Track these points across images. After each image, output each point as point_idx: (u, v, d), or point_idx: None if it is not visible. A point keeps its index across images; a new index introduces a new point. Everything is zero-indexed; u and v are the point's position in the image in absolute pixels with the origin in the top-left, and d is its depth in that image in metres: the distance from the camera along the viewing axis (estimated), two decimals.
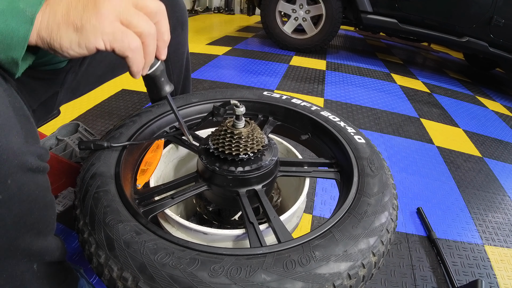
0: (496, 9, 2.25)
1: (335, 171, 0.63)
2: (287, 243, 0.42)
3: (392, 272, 0.85)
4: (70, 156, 0.86)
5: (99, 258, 0.39)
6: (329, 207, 1.05)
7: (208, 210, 0.70)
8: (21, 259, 0.36)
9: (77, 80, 0.64)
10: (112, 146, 0.56)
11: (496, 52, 2.42)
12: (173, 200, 0.52)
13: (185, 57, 0.88)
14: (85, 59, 0.63)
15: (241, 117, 0.54)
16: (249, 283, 0.35)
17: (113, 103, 1.57)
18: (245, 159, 0.54)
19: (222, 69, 2.21)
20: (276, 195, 0.76)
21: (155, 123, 0.68)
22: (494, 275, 0.89)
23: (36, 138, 0.37)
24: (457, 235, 1.02)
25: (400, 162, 1.37)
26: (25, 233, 0.35)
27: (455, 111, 2.12)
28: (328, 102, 1.89)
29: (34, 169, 0.35)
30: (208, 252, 0.39)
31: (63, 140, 0.88)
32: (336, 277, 0.38)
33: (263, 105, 0.77)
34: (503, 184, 1.34)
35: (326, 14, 2.64)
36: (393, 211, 0.51)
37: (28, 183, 0.34)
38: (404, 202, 1.13)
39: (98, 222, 0.42)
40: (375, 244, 0.43)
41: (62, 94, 0.62)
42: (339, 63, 2.80)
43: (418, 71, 2.98)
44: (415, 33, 2.54)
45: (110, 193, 0.47)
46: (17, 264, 0.36)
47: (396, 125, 1.72)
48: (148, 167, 0.61)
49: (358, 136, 0.66)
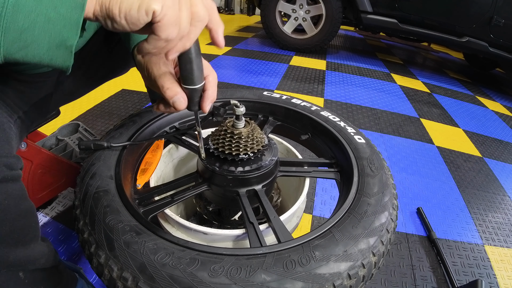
0: (496, 9, 2.25)
1: (335, 171, 0.63)
2: (287, 243, 0.42)
3: (392, 272, 0.85)
4: (70, 156, 0.86)
5: (99, 258, 0.39)
6: (329, 207, 1.05)
7: (208, 210, 0.70)
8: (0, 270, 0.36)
9: (74, 82, 0.63)
10: (112, 146, 0.57)
11: (496, 52, 2.42)
12: (173, 200, 0.52)
13: None
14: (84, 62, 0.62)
15: (241, 117, 0.54)
16: (249, 283, 0.35)
17: (113, 103, 1.57)
18: (245, 159, 0.54)
19: (222, 69, 2.21)
20: (276, 195, 0.76)
21: (155, 123, 0.68)
22: (494, 275, 0.89)
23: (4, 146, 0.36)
24: (457, 235, 1.02)
25: (400, 162, 1.37)
26: None
27: (455, 111, 2.12)
28: (328, 102, 1.89)
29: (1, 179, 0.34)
30: (208, 252, 0.39)
31: (63, 140, 0.88)
32: (336, 277, 0.38)
33: (263, 105, 0.77)
34: (503, 184, 1.34)
35: (326, 14, 2.64)
36: (393, 211, 0.51)
37: None
38: (404, 202, 1.13)
39: (98, 222, 0.42)
40: (375, 244, 0.43)
41: (59, 96, 0.61)
42: (339, 63, 2.80)
43: (418, 71, 2.98)
44: (415, 33, 2.54)
45: (110, 193, 0.47)
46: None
47: (396, 125, 1.72)
48: (148, 167, 0.61)
49: (358, 136, 0.66)
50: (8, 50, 0.29)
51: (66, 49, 0.32)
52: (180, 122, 0.74)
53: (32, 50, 0.30)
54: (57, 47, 0.31)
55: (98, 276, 0.40)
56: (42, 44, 0.30)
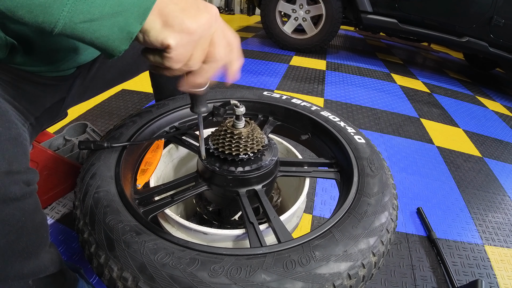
0: (496, 9, 2.25)
1: (335, 171, 0.63)
2: (287, 243, 0.42)
3: (392, 272, 0.85)
4: (77, 157, 0.85)
5: (99, 258, 0.39)
6: (329, 207, 1.05)
7: (208, 210, 0.70)
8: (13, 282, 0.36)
9: (84, 85, 0.63)
10: (112, 146, 0.56)
11: (496, 52, 2.42)
12: (173, 200, 0.52)
13: None
14: (94, 64, 0.62)
15: (241, 117, 0.53)
16: (249, 283, 0.35)
17: (113, 103, 1.57)
18: (245, 159, 0.54)
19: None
20: (276, 195, 0.76)
21: (155, 123, 0.68)
22: (494, 275, 0.89)
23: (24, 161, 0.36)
24: (457, 235, 1.01)
25: (400, 162, 1.37)
26: (14, 261, 0.35)
27: (455, 111, 2.12)
28: (328, 102, 1.89)
29: (19, 197, 0.34)
30: (208, 252, 0.39)
31: (70, 141, 0.87)
32: (336, 277, 0.38)
33: (263, 105, 0.77)
34: (503, 184, 1.34)
35: (326, 14, 2.64)
36: (393, 211, 0.51)
37: (12, 213, 0.33)
38: (404, 202, 1.13)
39: (98, 222, 0.42)
40: (375, 244, 0.43)
41: (69, 99, 0.61)
42: (339, 63, 2.80)
43: (418, 71, 2.98)
44: (415, 33, 2.54)
45: (110, 193, 0.47)
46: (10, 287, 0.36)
47: (396, 125, 1.72)
48: (148, 167, 0.61)
49: (358, 136, 0.66)
50: (73, 19, 0.29)
51: (127, 34, 0.32)
52: (180, 122, 0.74)
53: (95, 26, 0.30)
54: (119, 30, 0.31)
55: (98, 276, 0.40)
56: (106, 23, 0.30)
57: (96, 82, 0.66)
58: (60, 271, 0.46)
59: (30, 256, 0.37)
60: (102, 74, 0.66)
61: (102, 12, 0.29)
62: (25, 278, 0.38)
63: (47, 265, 0.41)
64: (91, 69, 0.62)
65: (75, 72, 0.57)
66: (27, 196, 0.35)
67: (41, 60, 0.47)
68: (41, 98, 0.52)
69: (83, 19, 0.29)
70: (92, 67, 0.62)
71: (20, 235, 0.35)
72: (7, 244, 0.34)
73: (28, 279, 0.39)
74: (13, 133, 0.36)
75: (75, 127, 0.93)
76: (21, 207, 0.35)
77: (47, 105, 0.54)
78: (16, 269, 0.36)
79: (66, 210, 0.84)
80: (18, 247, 0.35)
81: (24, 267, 0.37)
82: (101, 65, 0.64)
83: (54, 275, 0.44)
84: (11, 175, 0.33)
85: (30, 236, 0.37)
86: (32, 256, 0.38)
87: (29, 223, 0.36)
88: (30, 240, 0.37)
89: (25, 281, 0.38)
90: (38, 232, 0.38)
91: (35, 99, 0.50)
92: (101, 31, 0.31)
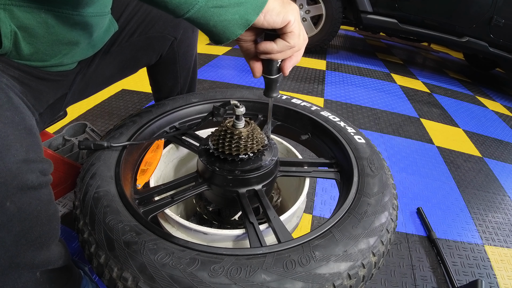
0: (496, 9, 2.25)
1: (335, 171, 0.63)
2: (287, 243, 0.42)
3: (392, 272, 0.85)
4: (77, 157, 0.85)
5: (99, 258, 0.39)
6: (329, 207, 1.05)
7: (208, 210, 0.70)
8: (23, 271, 0.37)
9: (85, 81, 0.64)
10: (112, 146, 0.57)
11: (496, 52, 2.42)
12: (173, 200, 0.52)
13: (193, 59, 0.88)
14: (94, 60, 0.63)
15: (241, 117, 0.53)
16: (249, 283, 0.35)
17: (113, 103, 1.57)
18: (245, 159, 0.54)
19: (222, 69, 2.21)
20: (276, 195, 0.76)
21: (155, 123, 0.68)
22: (494, 275, 0.89)
23: (38, 150, 0.37)
24: (457, 235, 1.01)
25: (400, 162, 1.37)
26: (27, 250, 0.35)
27: (455, 111, 2.12)
28: (328, 102, 1.89)
29: (36, 186, 0.34)
30: (208, 252, 0.39)
31: (70, 141, 0.87)
32: (336, 277, 0.38)
33: (263, 105, 0.77)
34: (503, 184, 1.34)
35: (326, 14, 2.64)
36: (393, 211, 0.51)
37: (29, 202, 0.34)
38: (404, 202, 1.13)
39: (98, 222, 0.42)
40: (375, 244, 0.43)
41: (70, 95, 0.62)
42: (339, 63, 2.80)
43: (418, 71, 2.98)
44: (415, 33, 2.54)
45: (110, 193, 0.47)
46: (19, 277, 0.36)
47: (396, 125, 1.72)
48: (148, 167, 0.61)
49: (358, 136, 0.66)
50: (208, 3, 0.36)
51: (245, 21, 0.39)
52: (180, 122, 0.74)
53: (222, 11, 0.37)
54: (240, 18, 0.38)
55: (98, 276, 0.40)
56: (231, 10, 0.38)
57: (96, 78, 0.67)
58: (67, 266, 0.47)
59: (42, 247, 0.38)
60: (101, 70, 0.67)
61: (230, 1, 0.37)
62: (34, 268, 0.38)
63: (56, 257, 0.41)
64: (91, 64, 0.63)
65: (76, 68, 0.58)
66: (43, 185, 0.36)
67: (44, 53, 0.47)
68: (45, 94, 0.52)
69: (215, 5, 0.37)
70: (92, 63, 0.63)
71: (35, 224, 0.35)
72: (22, 232, 0.34)
73: (37, 269, 0.39)
74: (28, 123, 0.36)
75: (74, 127, 0.93)
76: (37, 197, 0.35)
77: (50, 101, 0.55)
78: (28, 258, 0.36)
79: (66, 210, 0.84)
80: (31, 236, 0.35)
81: (35, 257, 0.37)
82: (100, 61, 0.65)
83: (61, 269, 0.44)
84: (28, 163, 0.33)
85: (44, 226, 0.37)
86: (44, 246, 0.38)
87: (43, 213, 0.36)
88: (43, 230, 0.37)
89: (34, 271, 0.39)
90: (51, 223, 0.38)
91: (40, 95, 0.51)
92: (226, 15, 0.38)
